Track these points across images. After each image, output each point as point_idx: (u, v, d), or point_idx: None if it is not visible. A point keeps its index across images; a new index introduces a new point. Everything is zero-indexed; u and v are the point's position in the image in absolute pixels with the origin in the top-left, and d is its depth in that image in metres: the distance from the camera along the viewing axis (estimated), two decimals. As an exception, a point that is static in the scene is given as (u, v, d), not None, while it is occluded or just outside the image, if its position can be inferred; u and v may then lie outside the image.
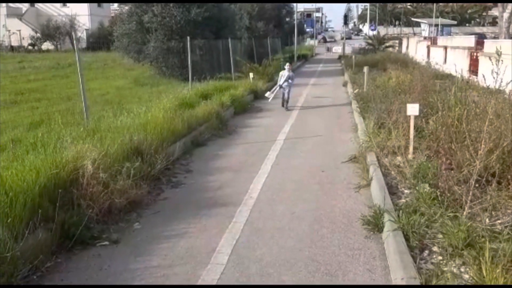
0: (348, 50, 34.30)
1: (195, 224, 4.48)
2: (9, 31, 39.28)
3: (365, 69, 12.65)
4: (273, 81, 17.45)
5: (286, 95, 11.77)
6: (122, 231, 4.32)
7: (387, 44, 32.26)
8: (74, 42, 6.83)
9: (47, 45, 38.57)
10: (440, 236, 3.79)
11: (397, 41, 36.33)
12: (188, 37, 11.79)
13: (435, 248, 3.67)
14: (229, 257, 3.79)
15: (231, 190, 5.46)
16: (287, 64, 12.45)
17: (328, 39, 66.86)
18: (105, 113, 8.01)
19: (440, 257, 3.54)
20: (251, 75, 14.62)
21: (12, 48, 36.28)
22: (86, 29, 40.07)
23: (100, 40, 34.58)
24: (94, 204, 4.29)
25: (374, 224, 4.21)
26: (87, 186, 4.31)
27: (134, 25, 15.94)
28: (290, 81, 11.82)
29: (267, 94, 12.44)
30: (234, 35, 18.99)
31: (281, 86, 11.83)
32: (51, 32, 38.46)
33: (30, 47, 37.87)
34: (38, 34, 38.88)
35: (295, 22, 31.67)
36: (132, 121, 6.88)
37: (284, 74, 11.90)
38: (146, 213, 4.76)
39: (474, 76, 13.56)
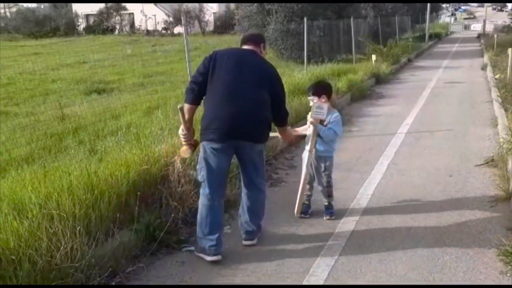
0: (489, 27, 30.55)
1: (290, 233, 3.95)
2: (145, 16, 42.10)
3: (510, 50, 10.77)
4: (399, 63, 16.01)
5: (321, 180, 4.25)
6: (211, 235, 3.95)
7: (539, 19, 27.97)
8: (184, 28, 6.65)
9: (178, 29, 40.56)
10: None
11: (551, 15, 31.30)
12: (305, 18, 11.15)
13: None
14: (324, 283, 3.20)
15: (337, 194, 4.78)
16: (311, 94, 4.21)
17: (466, 16, 60.94)
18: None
19: None
20: (373, 57, 13.49)
21: (148, 32, 38.94)
22: (214, 13, 41.30)
23: (225, 24, 35.43)
24: (184, 204, 3.99)
25: (515, 257, 3.27)
26: (177, 185, 4.02)
27: (255, 7, 15.79)
28: (331, 138, 4.10)
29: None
30: (358, 14, 17.89)
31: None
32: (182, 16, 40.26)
33: (163, 31, 40.22)
34: (171, 19, 41.02)
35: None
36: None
37: (312, 116, 4.03)
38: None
39: None
